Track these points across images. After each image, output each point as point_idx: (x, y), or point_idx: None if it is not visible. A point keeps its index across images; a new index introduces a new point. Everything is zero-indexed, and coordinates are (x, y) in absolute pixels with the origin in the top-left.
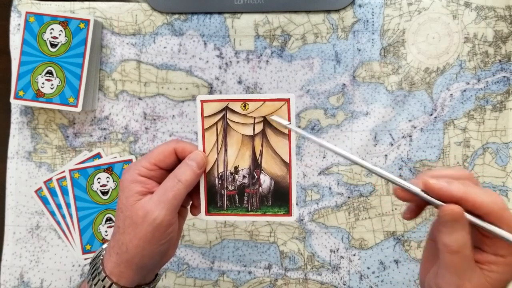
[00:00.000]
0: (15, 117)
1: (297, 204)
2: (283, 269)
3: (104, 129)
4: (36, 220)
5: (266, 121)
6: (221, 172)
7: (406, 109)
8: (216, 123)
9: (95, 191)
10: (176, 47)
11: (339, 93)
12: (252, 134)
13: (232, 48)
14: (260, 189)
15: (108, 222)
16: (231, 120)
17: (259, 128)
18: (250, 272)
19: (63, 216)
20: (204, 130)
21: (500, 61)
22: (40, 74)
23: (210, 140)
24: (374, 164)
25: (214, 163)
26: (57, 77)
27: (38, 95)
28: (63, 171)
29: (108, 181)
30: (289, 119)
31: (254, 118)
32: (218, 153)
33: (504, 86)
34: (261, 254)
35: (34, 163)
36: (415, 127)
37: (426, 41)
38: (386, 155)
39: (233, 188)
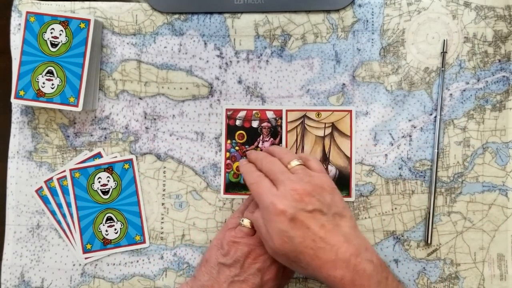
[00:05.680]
0: (16, 117)
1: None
2: None
3: (105, 128)
4: (37, 219)
5: (334, 126)
6: None
7: (406, 108)
8: (297, 126)
9: (96, 190)
10: (177, 47)
11: (339, 93)
12: (323, 135)
13: (232, 48)
14: None
15: (108, 222)
16: (307, 125)
17: (328, 131)
18: None
19: (64, 216)
20: (287, 132)
21: (499, 60)
22: (41, 74)
23: (291, 139)
24: (374, 163)
25: None
26: (57, 76)
27: (39, 95)
28: (64, 171)
29: (108, 181)
30: (351, 125)
31: (325, 123)
32: (297, 149)
33: (503, 86)
34: None
35: (35, 162)
36: (415, 127)
37: (425, 41)
38: (386, 155)
39: None
